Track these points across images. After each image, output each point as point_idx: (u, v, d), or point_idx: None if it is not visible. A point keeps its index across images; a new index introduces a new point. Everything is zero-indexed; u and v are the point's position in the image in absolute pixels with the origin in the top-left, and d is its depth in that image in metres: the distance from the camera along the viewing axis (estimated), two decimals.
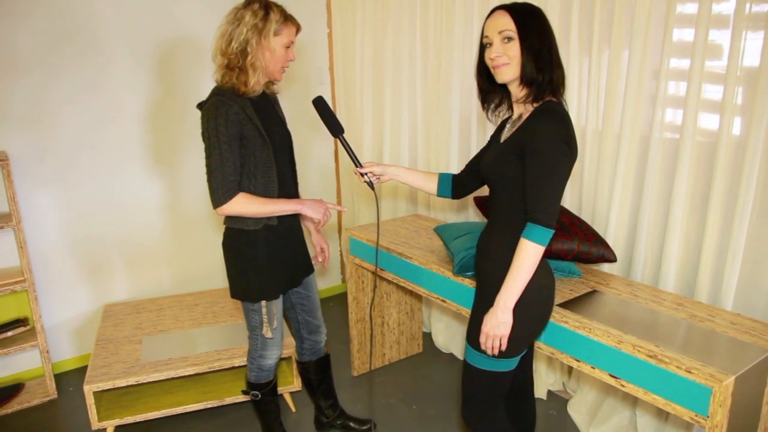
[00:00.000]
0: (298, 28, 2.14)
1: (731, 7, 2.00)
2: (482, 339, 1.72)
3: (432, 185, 2.09)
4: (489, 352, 1.72)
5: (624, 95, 2.33)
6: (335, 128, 2.09)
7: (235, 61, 2.04)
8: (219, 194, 2.03)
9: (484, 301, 1.77)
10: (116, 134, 3.25)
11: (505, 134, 1.79)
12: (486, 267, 1.80)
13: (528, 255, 1.62)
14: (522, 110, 1.72)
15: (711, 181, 2.12)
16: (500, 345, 1.70)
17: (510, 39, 1.64)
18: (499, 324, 1.67)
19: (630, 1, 2.26)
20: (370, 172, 2.07)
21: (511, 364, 1.79)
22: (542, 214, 1.59)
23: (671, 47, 2.16)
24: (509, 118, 1.82)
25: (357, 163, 2.08)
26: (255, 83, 2.06)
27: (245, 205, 2.07)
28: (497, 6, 1.70)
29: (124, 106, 3.24)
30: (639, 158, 2.37)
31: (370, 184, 2.08)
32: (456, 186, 2.07)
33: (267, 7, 2.04)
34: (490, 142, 1.93)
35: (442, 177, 2.09)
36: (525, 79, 1.65)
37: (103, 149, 3.23)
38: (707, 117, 2.15)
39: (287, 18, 2.08)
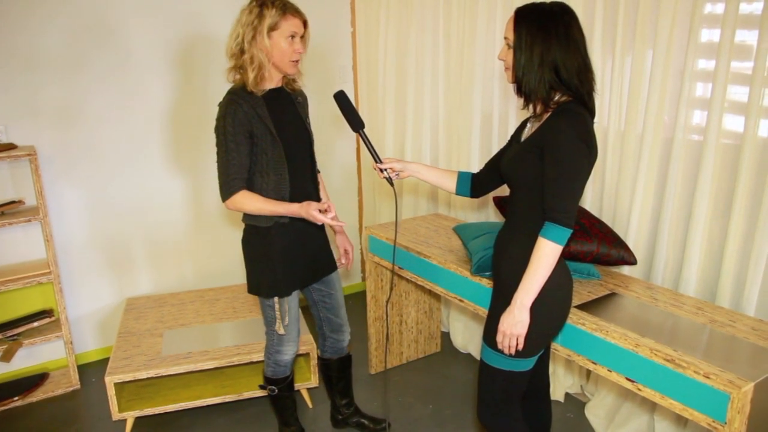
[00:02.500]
0: (303, 20, 2.11)
1: (759, 6, 1.97)
2: (499, 338, 1.72)
3: (451, 183, 2.09)
4: (506, 351, 1.72)
5: (647, 96, 2.30)
6: (356, 123, 2.09)
7: (237, 60, 2.10)
8: (222, 190, 2.12)
9: (501, 301, 1.77)
10: (140, 131, 3.30)
11: (526, 133, 1.78)
12: (503, 266, 1.80)
13: (545, 254, 1.61)
14: (543, 110, 1.71)
15: (735, 184, 2.08)
16: (517, 344, 1.70)
17: (509, 46, 1.68)
18: (516, 323, 1.66)
19: (655, 1, 2.23)
20: (390, 168, 2.08)
21: (527, 363, 1.79)
22: (560, 214, 1.59)
23: (696, 48, 2.13)
24: (531, 117, 1.82)
25: (377, 158, 2.08)
26: (257, 80, 2.09)
27: (243, 202, 2.12)
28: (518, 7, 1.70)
29: (148, 103, 3.29)
30: (661, 160, 2.33)
31: (390, 180, 2.09)
32: (475, 184, 2.06)
33: (262, 4, 2.05)
34: (510, 140, 1.92)
35: (462, 175, 2.08)
36: (516, 88, 1.70)
37: (127, 145, 3.28)
38: (732, 119, 2.11)
39: (287, 10, 2.07)
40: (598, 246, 2.22)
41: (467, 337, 3.42)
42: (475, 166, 3.14)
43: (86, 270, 3.31)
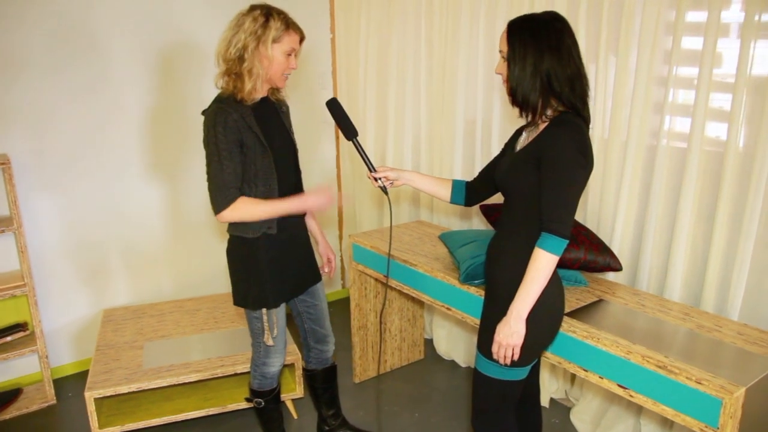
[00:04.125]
0: (302, 36, 2.11)
1: (740, 15, 2.01)
2: (495, 348, 1.71)
3: (445, 192, 2.08)
4: (501, 361, 1.72)
5: (631, 103, 2.33)
6: (349, 131, 2.07)
7: (233, 67, 2.03)
8: (218, 201, 2.03)
9: (494, 310, 1.76)
10: (117, 138, 3.23)
11: (522, 143, 1.79)
12: (497, 275, 1.79)
13: (543, 265, 1.62)
14: (539, 121, 1.72)
15: (718, 191, 2.12)
16: (513, 354, 1.70)
17: (504, 58, 1.70)
18: (512, 333, 1.66)
19: (637, 9, 2.26)
20: (384, 177, 2.06)
21: (522, 373, 1.79)
22: (557, 224, 1.59)
23: (679, 55, 2.17)
24: (525, 126, 1.82)
25: (371, 167, 2.06)
26: (251, 90, 2.05)
27: (245, 210, 2.05)
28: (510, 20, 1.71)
29: (125, 110, 3.22)
30: (645, 167, 2.36)
31: (384, 189, 2.07)
32: (469, 193, 2.06)
33: (268, 14, 2.02)
34: (504, 149, 1.93)
35: (456, 184, 2.08)
36: (512, 100, 1.71)
37: (104, 153, 3.21)
38: (715, 126, 2.15)
39: (289, 26, 2.05)
40: (585, 253, 2.23)
41: (451, 344, 3.42)
42: (458, 173, 3.14)
43: (62, 281, 3.22)
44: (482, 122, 3.01)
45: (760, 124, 1.97)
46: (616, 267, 2.31)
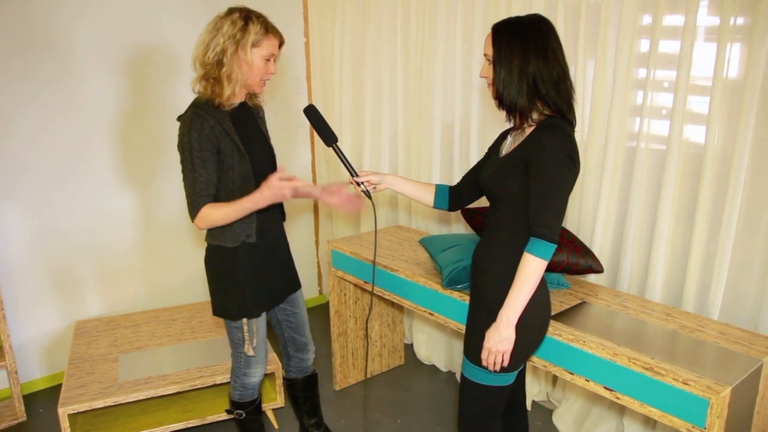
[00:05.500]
0: (281, 41, 2.08)
1: (716, 19, 2.03)
2: (484, 355, 1.70)
3: (429, 196, 2.07)
4: (491, 368, 1.70)
5: (610, 106, 2.34)
6: (329, 137, 2.04)
7: (211, 72, 1.98)
8: (190, 208, 1.99)
9: (481, 316, 1.75)
10: (87, 145, 3.15)
11: (507, 147, 1.78)
12: (483, 281, 1.78)
13: (532, 270, 1.61)
14: (525, 125, 1.71)
15: (697, 192, 2.14)
16: (502, 360, 1.69)
17: (490, 62, 1.68)
18: (502, 340, 1.65)
19: (614, 13, 2.28)
20: (367, 182, 2.04)
21: (510, 378, 1.78)
22: (546, 229, 1.59)
23: (656, 58, 2.19)
24: (510, 130, 1.81)
25: (353, 172, 2.04)
26: (230, 95, 2.00)
27: (210, 216, 1.99)
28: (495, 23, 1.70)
29: (95, 115, 3.14)
30: (625, 169, 2.38)
31: (368, 194, 2.05)
32: (453, 198, 2.05)
33: (247, 18, 1.98)
34: (489, 153, 1.92)
35: (440, 188, 2.06)
36: (499, 103, 1.69)
37: (73, 160, 3.12)
38: (693, 128, 2.17)
39: (269, 30, 2.02)
40: (567, 256, 2.24)
41: (431, 349, 3.41)
42: (437, 178, 3.13)
43: (31, 293, 3.12)
44: (460, 126, 3.00)
45: (737, 126, 1.99)
46: (598, 269, 2.32)
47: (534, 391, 2.94)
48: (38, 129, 3.00)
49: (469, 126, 2.94)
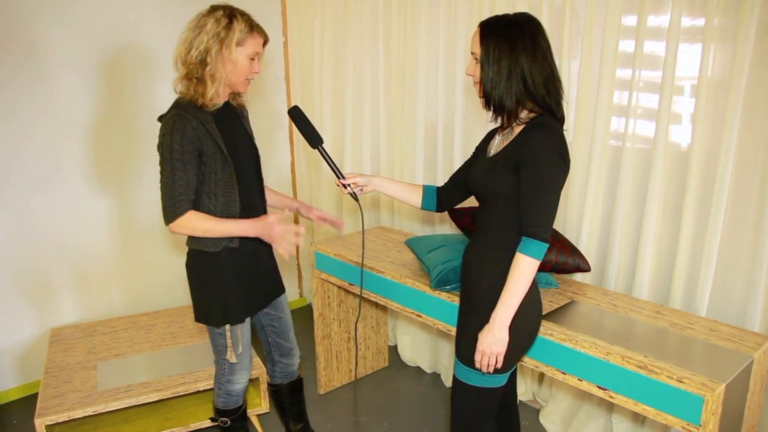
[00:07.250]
0: (265, 39, 2.04)
1: (700, 20, 2.04)
2: (478, 357, 1.67)
3: (416, 198, 2.04)
4: (484, 369, 1.68)
5: (595, 106, 2.34)
6: (314, 139, 2.01)
7: (194, 71, 1.93)
8: (167, 211, 1.93)
9: (473, 318, 1.73)
10: (59, 147, 3.05)
11: (496, 147, 1.76)
12: (473, 282, 1.76)
13: (525, 270, 1.59)
14: (514, 123, 1.69)
15: (683, 190, 2.15)
16: (496, 362, 1.66)
17: (477, 60, 1.66)
18: (496, 341, 1.63)
19: (599, 13, 2.28)
20: (354, 183, 2.00)
21: (502, 379, 1.76)
22: (538, 228, 1.57)
23: (642, 59, 2.19)
24: (497, 129, 1.79)
25: (339, 174, 2.00)
26: (213, 95, 1.95)
27: (191, 225, 1.94)
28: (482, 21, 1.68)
29: (67, 117, 3.04)
30: (611, 168, 2.39)
31: (354, 196, 2.01)
32: (441, 199, 2.02)
33: (231, 16, 1.93)
34: (476, 153, 1.90)
35: (427, 189, 2.04)
36: (485, 102, 1.67)
37: (44, 163, 3.02)
38: (678, 128, 2.18)
39: (253, 28, 1.97)
40: (556, 255, 2.23)
41: (415, 351, 3.38)
42: (420, 178, 3.11)
43: (3, 300, 3.02)
44: (444, 125, 2.98)
45: (723, 125, 2.00)
46: (585, 268, 2.31)
47: (520, 390, 2.93)
48: (8, 132, 2.90)
49: (452, 126, 2.92)
